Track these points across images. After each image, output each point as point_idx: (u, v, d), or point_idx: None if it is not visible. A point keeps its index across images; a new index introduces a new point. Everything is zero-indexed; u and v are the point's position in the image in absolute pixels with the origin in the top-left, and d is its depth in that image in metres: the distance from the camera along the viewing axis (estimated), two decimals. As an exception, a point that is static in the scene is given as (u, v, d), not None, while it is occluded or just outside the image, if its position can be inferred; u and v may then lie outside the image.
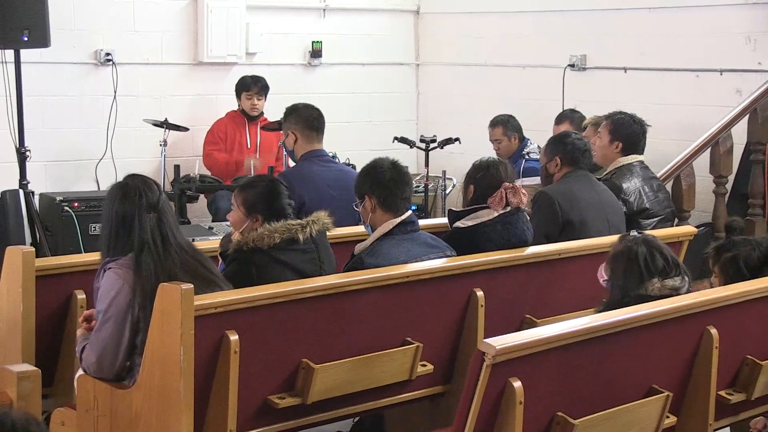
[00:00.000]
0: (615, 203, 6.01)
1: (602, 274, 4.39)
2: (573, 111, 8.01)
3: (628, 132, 6.44)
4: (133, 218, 4.07)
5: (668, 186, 6.85)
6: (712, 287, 4.57)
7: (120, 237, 4.08)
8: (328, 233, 4.69)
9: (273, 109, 8.33)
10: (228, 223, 4.84)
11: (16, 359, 4.32)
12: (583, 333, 3.75)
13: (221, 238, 4.95)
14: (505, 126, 8.15)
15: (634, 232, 4.44)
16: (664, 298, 4.16)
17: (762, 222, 7.19)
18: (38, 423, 2.06)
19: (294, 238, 4.47)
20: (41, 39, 7.37)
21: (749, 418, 4.10)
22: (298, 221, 4.53)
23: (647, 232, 4.96)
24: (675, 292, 4.21)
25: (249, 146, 8.56)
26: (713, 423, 4.23)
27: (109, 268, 4.05)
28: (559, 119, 7.92)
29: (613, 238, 4.55)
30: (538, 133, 7.97)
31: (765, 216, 7.20)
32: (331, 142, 6.67)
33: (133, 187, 4.13)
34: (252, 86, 8.57)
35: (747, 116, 7.27)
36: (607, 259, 4.36)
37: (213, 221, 7.86)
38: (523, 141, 8.18)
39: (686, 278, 4.29)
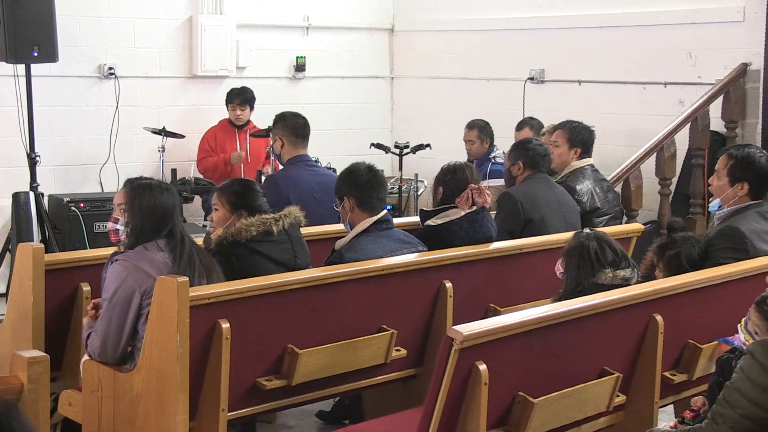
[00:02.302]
0: (571, 203, 6.02)
1: (559, 268, 4.40)
2: (531, 118, 8.03)
3: (583, 138, 6.44)
4: (174, 209, 4.13)
5: (618, 187, 6.87)
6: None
7: (159, 225, 4.09)
8: (308, 229, 4.69)
9: (261, 117, 8.31)
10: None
11: (27, 345, 4.30)
12: (542, 320, 3.75)
13: (204, 235, 4.92)
14: (480, 130, 8.10)
15: (586, 230, 4.46)
16: (615, 287, 4.18)
17: (702, 220, 7.22)
18: (17, 408, 2.02)
19: (269, 230, 4.47)
20: (50, 54, 7.35)
21: (690, 396, 4.11)
22: (272, 215, 4.54)
23: (599, 228, 4.98)
24: (626, 282, 4.23)
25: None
26: (658, 401, 4.25)
27: (116, 260, 4.05)
28: (520, 126, 7.94)
29: (570, 235, 4.56)
30: (502, 140, 7.97)
31: (704, 214, 7.23)
32: (314, 148, 6.66)
33: (168, 184, 4.24)
34: (235, 99, 8.54)
35: (688, 125, 7.30)
36: (562, 253, 4.37)
37: (205, 219, 7.83)
38: (491, 146, 8.18)
39: (635, 270, 4.31)
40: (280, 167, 6.42)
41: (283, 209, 4.65)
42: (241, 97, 8.52)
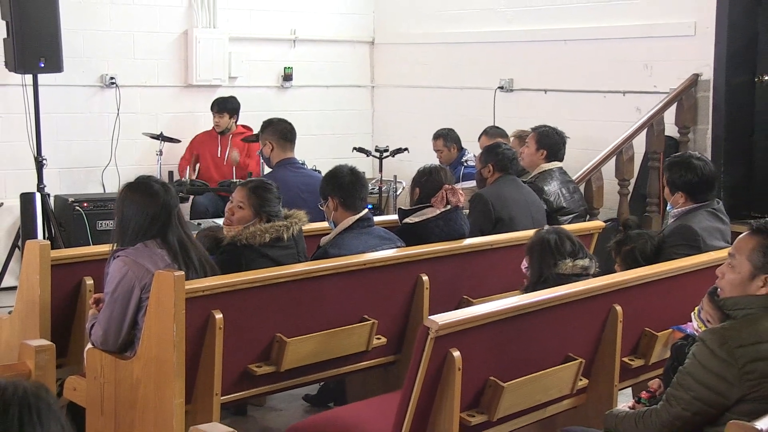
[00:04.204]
0: (538, 203, 6.03)
1: (524, 264, 4.40)
2: (493, 127, 8.02)
3: (551, 142, 6.46)
4: (169, 209, 4.04)
5: (581, 188, 6.89)
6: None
7: (146, 224, 4.01)
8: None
9: (252, 124, 8.30)
10: (213, 219, 4.80)
11: (35, 335, 4.28)
12: (511, 311, 3.76)
13: (197, 232, 4.89)
14: (445, 138, 8.17)
15: (546, 227, 4.46)
16: (576, 276, 4.18)
17: (657, 218, 7.25)
18: (47, 390, 1.97)
19: (280, 236, 4.46)
20: (55, 65, 7.32)
21: (647, 379, 4.13)
22: (283, 222, 4.51)
23: (565, 226, 4.99)
24: (585, 271, 4.23)
25: (219, 155, 8.53)
26: (618, 384, 4.26)
27: (118, 256, 4.02)
28: (482, 133, 7.93)
29: (536, 231, 4.56)
30: (474, 144, 7.97)
31: (659, 212, 7.26)
32: (300, 151, 6.65)
33: (166, 184, 4.16)
34: (213, 107, 8.59)
35: (645, 130, 7.33)
36: (526, 249, 4.37)
37: (196, 218, 7.77)
38: (461, 150, 8.19)
39: (593, 260, 4.31)
40: (267, 170, 6.41)
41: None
42: (219, 106, 8.56)
